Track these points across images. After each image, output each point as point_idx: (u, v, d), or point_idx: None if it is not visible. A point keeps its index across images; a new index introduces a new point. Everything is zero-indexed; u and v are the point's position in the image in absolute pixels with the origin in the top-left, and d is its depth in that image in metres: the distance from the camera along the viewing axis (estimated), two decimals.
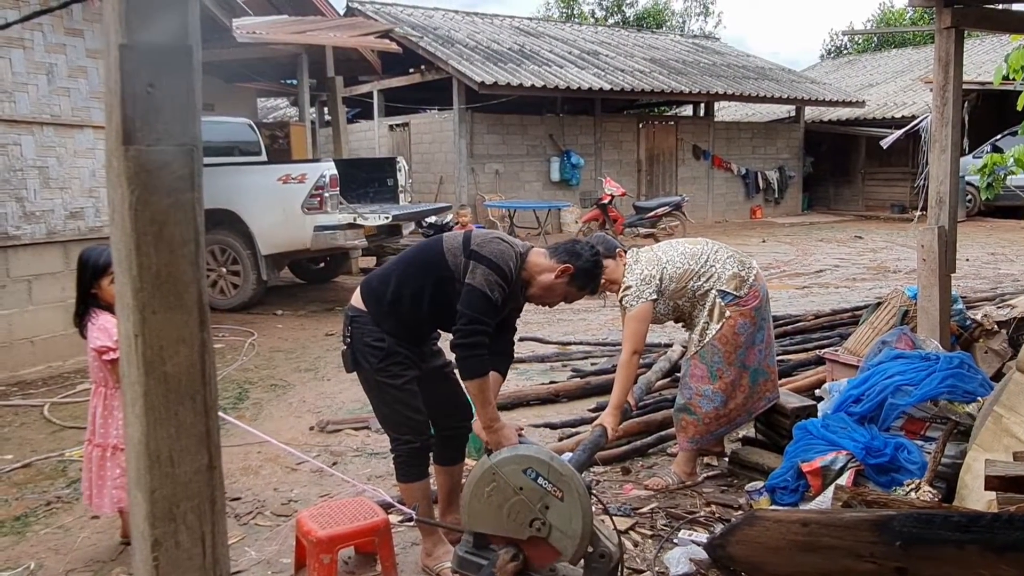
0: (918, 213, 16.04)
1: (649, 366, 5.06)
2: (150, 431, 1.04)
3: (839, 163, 21.68)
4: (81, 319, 3.20)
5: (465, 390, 3.13)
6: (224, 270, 8.75)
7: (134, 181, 1.00)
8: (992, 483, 2.32)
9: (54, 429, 5.00)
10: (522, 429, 3.26)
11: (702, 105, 20.41)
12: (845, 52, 33.38)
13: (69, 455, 4.51)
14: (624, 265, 3.86)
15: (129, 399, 1.06)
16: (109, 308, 3.17)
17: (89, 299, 3.18)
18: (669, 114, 23.34)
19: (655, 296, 3.78)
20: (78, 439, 4.58)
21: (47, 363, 6.18)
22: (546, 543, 2.64)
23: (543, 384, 5.75)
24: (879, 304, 5.31)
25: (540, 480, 2.59)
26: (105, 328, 3.12)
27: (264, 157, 10.77)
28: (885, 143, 9.80)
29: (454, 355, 3.03)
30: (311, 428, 5.00)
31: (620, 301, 3.83)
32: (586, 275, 3.19)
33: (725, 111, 23.42)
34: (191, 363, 1.05)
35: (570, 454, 3.32)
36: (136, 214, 1.00)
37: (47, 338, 6.17)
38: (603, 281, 3.81)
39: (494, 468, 2.65)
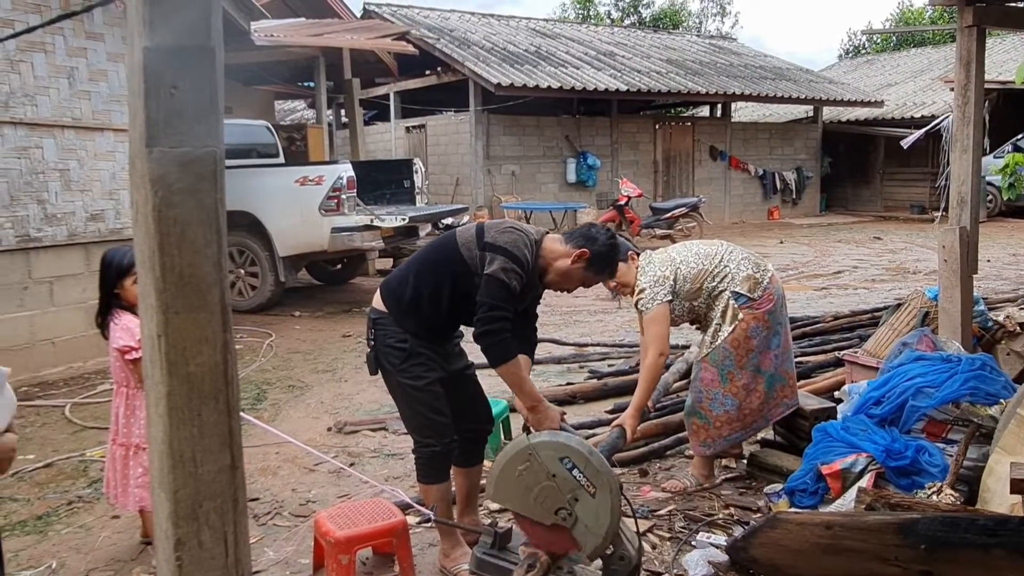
0: (939, 214, 15.91)
1: (667, 367, 5.03)
2: (173, 431, 1.05)
3: (857, 163, 21.51)
4: (103, 319, 3.22)
5: (501, 378, 3.12)
6: (242, 271, 8.81)
7: (158, 183, 1.00)
8: (1018, 487, 2.29)
9: (75, 429, 5.05)
10: (565, 413, 3.21)
11: (719, 106, 20.32)
12: (863, 52, 33.14)
13: (90, 455, 4.55)
14: (636, 268, 3.82)
15: (152, 399, 1.07)
16: (131, 309, 3.20)
17: (112, 299, 3.20)
18: (686, 115, 23.26)
19: (670, 297, 3.74)
20: (99, 439, 4.62)
21: (68, 364, 6.23)
22: (568, 534, 2.61)
23: (560, 385, 5.74)
24: (899, 305, 5.27)
25: (575, 472, 2.55)
26: (128, 328, 3.14)
27: (282, 159, 10.83)
28: (906, 143, 9.73)
29: (479, 345, 3.01)
30: (329, 429, 5.01)
31: (635, 305, 3.80)
32: (603, 259, 3.17)
33: (742, 111, 23.31)
34: (214, 363, 1.06)
35: None
36: (160, 215, 1.01)
37: (68, 339, 6.22)
38: (614, 284, 3.80)
39: (532, 449, 2.60)
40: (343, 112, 16.97)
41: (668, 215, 14.07)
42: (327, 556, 3.08)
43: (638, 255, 3.89)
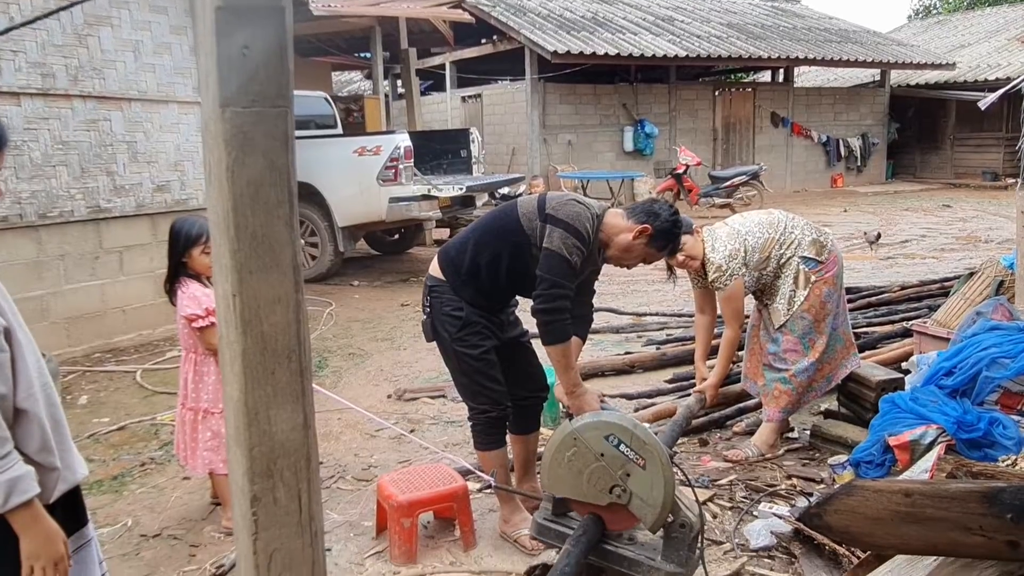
0: (1017, 180, 15.28)
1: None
2: (248, 389, 1.07)
3: (926, 129, 20.76)
4: (171, 287, 3.30)
5: (547, 355, 3.12)
6: (302, 241, 8.93)
7: (231, 143, 1.01)
8: None
9: (146, 394, 5.21)
10: (604, 396, 3.24)
11: (781, 71, 19.76)
12: (934, 12, 31.84)
13: (161, 419, 4.70)
14: (702, 241, 3.82)
15: (227, 358, 1.08)
16: (198, 277, 3.27)
17: (179, 268, 3.27)
18: (747, 80, 22.69)
19: (743, 270, 3.78)
20: (169, 404, 4.77)
21: (138, 331, 6.43)
22: (626, 510, 2.62)
23: (618, 355, 5.71)
24: (972, 274, 5.10)
25: (622, 447, 2.56)
26: (195, 297, 3.21)
27: (340, 130, 10.91)
28: (983, 104, 9.32)
29: (536, 321, 3.01)
30: (389, 396, 5.09)
31: (712, 283, 3.82)
32: (665, 235, 3.13)
33: (806, 76, 22.65)
34: (287, 323, 1.07)
35: (647, 423, 3.30)
36: (233, 176, 1.01)
37: (138, 307, 6.41)
38: (682, 258, 3.78)
39: (575, 434, 2.62)
40: (399, 83, 17.02)
41: (728, 184, 13.82)
42: (389, 519, 3.13)
43: (701, 228, 3.91)
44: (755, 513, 3.36)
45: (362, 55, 15.64)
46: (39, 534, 1.58)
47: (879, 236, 10.35)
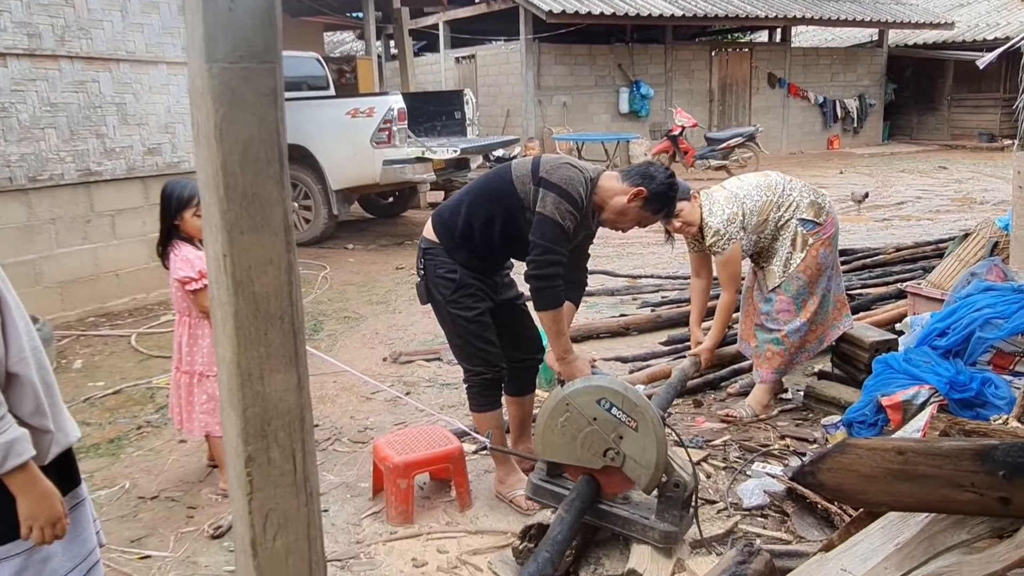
0: (1014, 142, 15.24)
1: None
2: (241, 351, 1.06)
3: (924, 90, 20.62)
4: (164, 249, 3.28)
5: (539, 321, 3.11)
6: (296, 205, 8.88)
7: (219, 99, 0.99)
8: None
9: (141, 358, 5.21)
10: (595, 360, 3.26)
11: (778, 30, 19.53)
12: None
13: (156, 382, 4.70)
14: (700, 207, 3.79)
15: (219, 319, 1.07)
16: (191, 240, 3.25)
17: (172, 231, 3.25)
18: (743, 41, 22.43)
19: (741, 235, 3.77)
20: (164, 367, 4.77)
21: (132, 295, 6.41)
22: (620, 472, 2.66)
23: (613, 317, 5.72)
24: (967, 236, 5.09)
25: (614, 411, 2.59)
26: (188, 259, 3.20)
27: (332, 91, 10.79)
28: (982, 63, 9.26)
29: (529, 286, 3.00)
30: (384, 359, 5.09)
31: (710, 248, 3.82)
32: (660, 198, 3.10)
33: (803, 36, 22.40)
34: (279, 283, 1.06)
35: (641, 385, 3.32)
36: (221, 133, 0.99)
37: (131, 271, 6.39)
38: (679, 224, 3.77)
39: (568, 399, 2.65)
40: (392, 43, 16.80)
41: (723, 145, 13.74)
42: (386, 481, 3.15)
43: (699, 194, 3.88)
44: (748, 473, 3.39)
45: (354, 15, 15.39)
46: (36, 495, 1.58)
47: (866, 195, 10.35)
